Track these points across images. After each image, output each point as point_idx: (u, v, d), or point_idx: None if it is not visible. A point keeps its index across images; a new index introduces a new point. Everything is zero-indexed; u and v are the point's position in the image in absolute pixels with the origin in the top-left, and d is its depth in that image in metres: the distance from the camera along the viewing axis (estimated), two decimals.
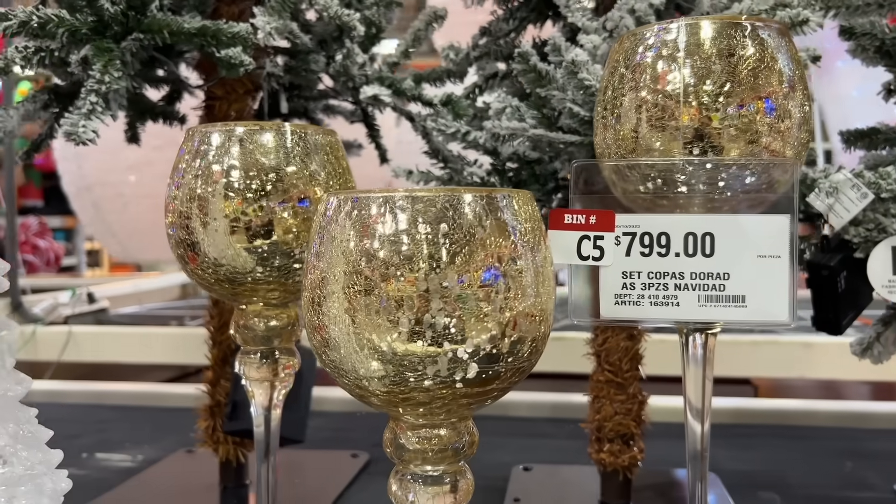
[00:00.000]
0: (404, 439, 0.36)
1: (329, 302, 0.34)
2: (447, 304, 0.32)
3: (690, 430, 0.48)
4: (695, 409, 0.48)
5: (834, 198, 0.62)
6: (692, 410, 0.47)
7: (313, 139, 0.48)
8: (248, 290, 0.48)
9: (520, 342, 0.34)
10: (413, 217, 0.33)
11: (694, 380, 0.47)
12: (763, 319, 0.41)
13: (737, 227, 0.41)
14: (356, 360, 0.33)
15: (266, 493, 0.51)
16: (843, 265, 0.65)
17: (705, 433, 0.48)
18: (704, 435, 0.48)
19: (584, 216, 0.42)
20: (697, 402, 0.47)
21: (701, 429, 0.48)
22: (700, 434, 0.48)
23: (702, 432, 0.48)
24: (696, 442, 0.48)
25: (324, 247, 0.34)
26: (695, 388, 0.47)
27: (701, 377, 0.47)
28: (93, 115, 0.57)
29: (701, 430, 0.48)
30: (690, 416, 0.48)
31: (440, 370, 0.33)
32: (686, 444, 0.49)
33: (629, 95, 0.44)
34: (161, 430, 1.03)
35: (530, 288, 0.34)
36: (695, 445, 0.48)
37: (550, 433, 1.01)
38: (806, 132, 0.44)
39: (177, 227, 0.47)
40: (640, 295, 0.42)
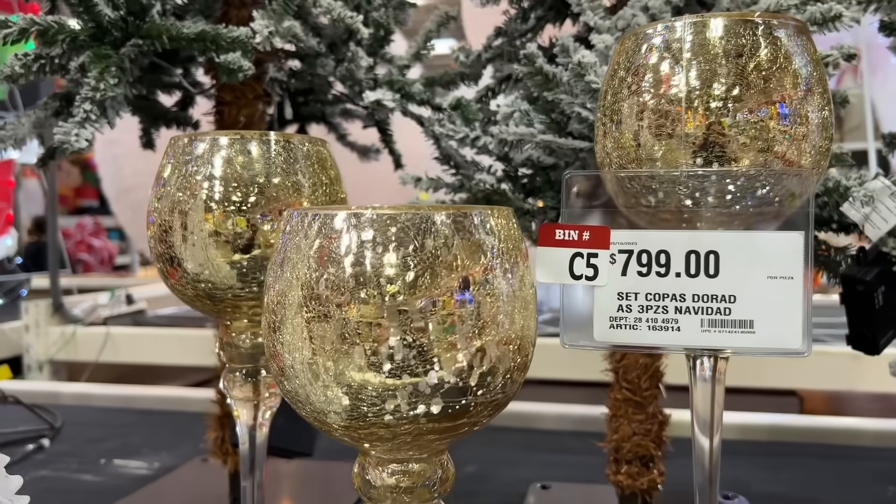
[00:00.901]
0: (371, 475, 0.34)
1: (285, 328, 0.31)
2: (407, 332, 0.29)
3: (698, 450, 0.44)
4: (703, 425, 0.43)
5: (871, 207, 0.57)
6: (700, 426, 0.43)
7: (299, 149, 0.46)
8: (230, 306, 0.46)
9: (491, 374, 0.31)
10: (374, 236, 0.30)
11: (703, 397, 0.43)
12: (774, 347, 0.37)
13: (744, 245, 0.37)
14: (311, 392, 0.31)
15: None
16: (881, 279, 0.60)
17: (715, 454, 0.44)
18: (714, 455, 0.44)
19: (576, 232, 0.38)
20: (706, 421, 0.43)
21: (710, 448, 0.44)
22: (709, 454, 0.44)
23: (711, 452, 0.44)
24: (704, 463, 0.44)
25: (282, 268, 0.32)
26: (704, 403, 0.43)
27: (710, 395, 0.43)
28: (86, 123, 0.56)
29: (710, 451, 0.44)
30: (699, 433, 0.43)
31: (400, 405, 0.30)
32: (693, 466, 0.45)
33: (629, 100, 0.40)
34: (180, 436, 1.03)
35: (504, 314, 0.31)
36: (703, 467, 0.44)
37: (574, 448, 0.98)
38: (826, 139, 0.40)
39: (157, 240, 0.46)
40: (637, 318, 0.38)
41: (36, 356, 1.85)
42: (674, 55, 0.39)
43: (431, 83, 0.73)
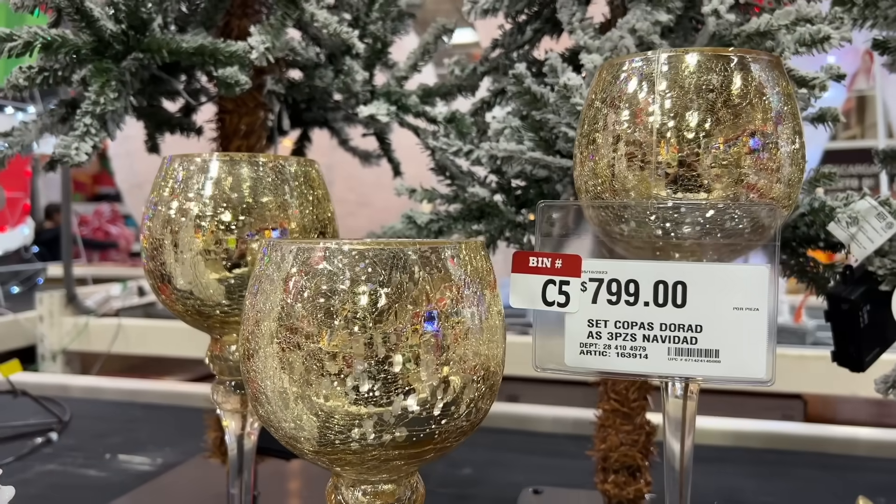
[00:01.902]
0: (342, 495, 0.35)
1: (258, 356, 0.33)
2: (373, 362, 0.31)
3: (668, 449, 0.44)
4: (675, 427, 0.44)
5: (857, 227, 0.58)
6: (672, 429, 0.44)
7: (288, 169, 0.48)
8: (218, 321, 0.47)
9: (454, 404, 0.32)
10: (344, 270, 0.31)
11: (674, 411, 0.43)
12: (738, 376, 0.38)
13: (711, 276, 0.38)
14: (282, 418, 0.32)
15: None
16: (867, 298, 0.60)
17: (686, 457, 0.45)
18: (684, 455, 0.45)
19: (549, 259, 0.39)
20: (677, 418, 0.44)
21: (680, 447, 0.44)
22: (678, 452, 0.44)
23: (682, 451, 0.45)
24: (674, 466, 0.45)
25: (255, 297, 0.33)
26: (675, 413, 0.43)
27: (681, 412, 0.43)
28: (87, 136, 0.58)
29: (680, 449, 0.44)
30: (669, 436, 0.44)
31: (366, 433, 0.31)
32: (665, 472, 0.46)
33: (605, 130, 0.41)
34: (184, 432, 1.05)
35: (471, 344, 0.32)
36: (674, 471, 0.45)
37: (570, 452, 0.99)
38: (798, 171, 0.41)
39: (149, 256, 0.47)
40: (607, 345, 0.39)
41: (49, 346, 1.89)
42: (649, 88, 0.40)
43: (429, 94, 0.74)
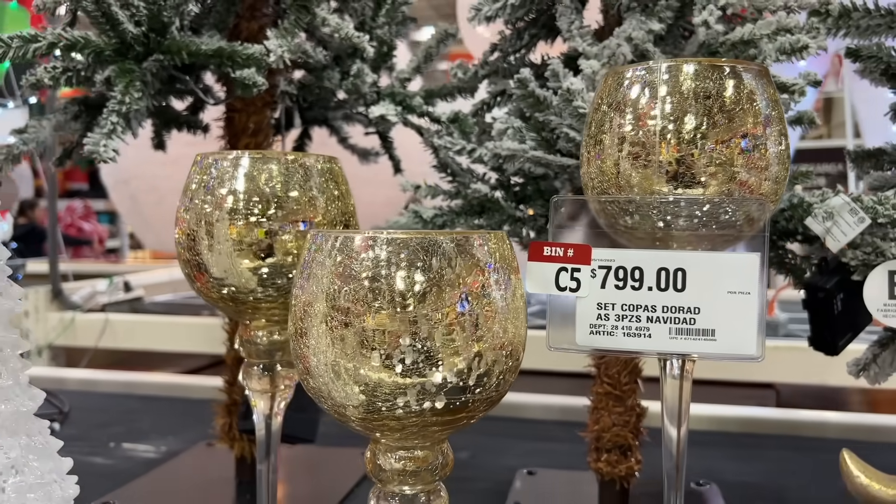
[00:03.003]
0: (382, 460, 0.39)
1: (310, 334, 0.36)
2: (417, 339, 0.35)
3: (667, 435, 0.49)
4: (672, 415, 0.48)
5: (832, 221, 0.63)
6: (669, 416, 0.48)
7: (314, 166, 0.51)
8: (251, 307, 0.51)
9: (487, 375, 0.36)
10: (388, 257, 0.35)
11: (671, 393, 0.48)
12: (732, 353, 0.42)
13: (708, 264, 0.42)
14: (333, 389, 0.36)
15: (266, 490, 0.54)
16: (840, 287, 0.65)
17: (682, 442, 0.50)
18: (681, 444, 0.50)
19: (562, 249, 0.44)
20: (674, 412, 0.48)
21: (677, 433, 0.49)
22: (676, 438, 0.49)
23: (678, 436, 0.49)
24: (671, 450, 0.49)
25: (306, 282, 0.37)
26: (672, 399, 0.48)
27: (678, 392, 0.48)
28: (114, 134, 0.61)
29: (677, 435, 0.49)
30: (667, 423, 0.49)
31: (409, 401, 0.35)
32: (663, 455, 0.51)
33: (611, 132, 0.46)
34: (185, 422, 1.08)
35: (499, 323, 0.36)
36: (671, 455, 0.49)
37: (559, 436, 1.04)
38: (783, 169, 0.45)
39: (185, 247, 0.51)
40: (614, 326, 0.44)
41: (35, 341, 1.89)
42: (651, 94, 0.44)
43: (431, 95, 0.78)
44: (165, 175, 1.85)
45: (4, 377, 0.37)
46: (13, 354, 0.38)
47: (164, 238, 1.97)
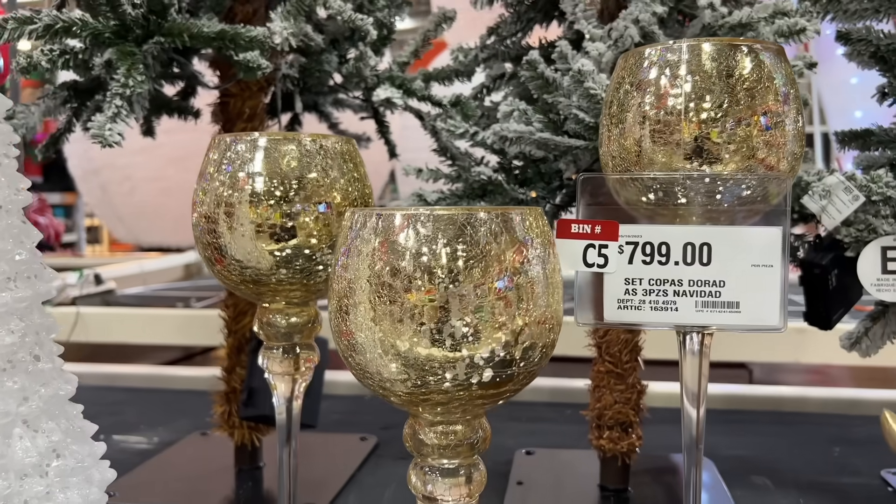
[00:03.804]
0: (423, 435, 0.40)
1: (355, 310, 0.36)
2: (465, 313, 0.35)
3: (686, 415, 0.50)
4: (691, 394, 0.50)
5: (827, 200, 0.65)
6: (688, 395, 0.50)
7: (332, 148, 0.51)
8: (272, 290, 0.51)
9: (531, 348, 0.37)
10: (434, 233, 0.35)
11: (691, 370, 0.49)
12: (756, 324, 0.44)
13: (732, 238, 0.43)
14: (380, 364, 0.36)
15: (288, 475, 0.54)
16: (835, 264, 0.68)
17: (701, 422, 0.51)
18: (700, 423, 0.51)
19: (589, 226, 0.44)
20: (693, 388, 0.50)
21: (697, 417, 0.50)
22: (696, 422, 0.50)
23: (697, 417, 0.51)
24: (691, 430, 0.51)
25: (350, 259, 0.37)
26: (692, 376, 0.49)
27: (697, 367, 0.49)
28: (118, 118, 0.60)
29: (696, 419, 0.51)
30: (687, 401, 0.50)
31: (458, 374, 0.36)
32: (682, 433, 0.52)
33: (633, 111, 0.46)
34: (174, 413, 1.07)
35: (541, 298, 0.37)
36: (690, 434, 0.51)
37: (550, 417, 1.05)
38: (799, 146, 0.47)
39: (204, 231, 0.50)
40: (642, 300, 0.45)
41: None
42: (672, 73, 0.45)
43: (429, 78, 0.78)
44: (138, 164, 1.82)
45: (44, 361, 0.36)
46: (48, 338, 0.37)
47: (136, 229, 1.94)
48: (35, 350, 0.36)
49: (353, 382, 1.18)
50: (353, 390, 1.17)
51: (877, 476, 0.82)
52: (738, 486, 0.79)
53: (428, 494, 0.40)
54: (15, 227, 0.36)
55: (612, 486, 0.76)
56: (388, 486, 0.79)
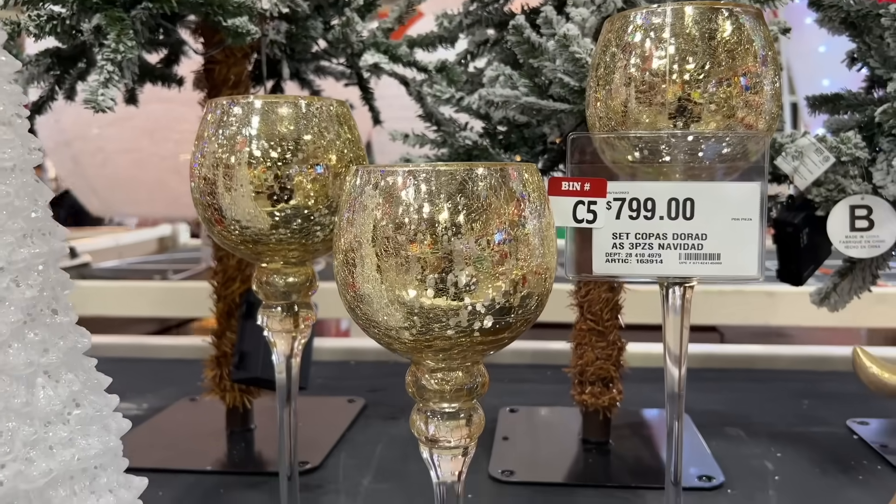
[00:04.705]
0: (425, 381, 0.42)
1: (361, 263, 0.38)
2: (467, 264, 0.37)
3: (669, 373, 0.54)
4: (673, 355, 0.53)
5: (799, 161, 0.67)
6: (671, 355, 0.53)
7: (327, 110, 0.52)
8: (271, 249, 0.52)
9: (528, 297, 0.39)
10: (436, 188, 0.37)
11: (673, 327, 0.52)
12: (735, 274, 0.46)
13: (714, 193, 0.46)
14: (386, 314, 0.38)
15: (288, 434, 0.56)
16: (806, 223, 0.71)
17: (682, 376, 0.54)
18: (681, 377, 0.54)
19: (579, 184, 0.47)
20: (675, 348, 0.53)
21: (678, 372, 0.53)
22: (677, 377, 0.54)
23: (679, 375, 0.54)
24: (673, 384, 0.54)
25: (355, 214, 0.39)
26: (673, 335, 0.53)
27: (679, 325, 0.52)
28: (110, 83, 0.60)
29: (678, 373, 0.54)
30: (669, 361, 0.53)
31: (461, 321, 0.38)
32: (665, 385, 0.55)
33: (619, 73, 0.48)
34: (161, 381, 1.08)
35: (537, 249, 0.39)
36: (673, 387, 0.54)
37: (532, 378, 1.08)
38: (777, 105, 0.49)
39: (203, 193, 0.51)
40: (629, 254, 0.47)
41: None
42: (657, 36, 0.47)
43: (413, 44, 0.79)
44: (110, 136, 1.80)
45: (61, 315, 0.37)
46: (63, 294, 0.39)
47: (110, 201, 1.92)
48: (52, 304, 0.37)
49: (337, 349, 1.20)
50: (339, 356, 1.19)
51: (843, 426, 0.86)
52: (714, 437, 0.82)
53: (430, 436, 0.42)
54: (29, 186, 0.37)
55: (593, 438, 0.80)
56: (379, 443, 0.82)
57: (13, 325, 0.35)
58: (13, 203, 0.35)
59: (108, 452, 0.39)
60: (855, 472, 0.73)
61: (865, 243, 0.68)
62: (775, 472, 0.73)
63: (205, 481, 0.73)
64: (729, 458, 0.76)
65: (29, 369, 0.35)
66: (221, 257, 0.82)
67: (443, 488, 0.44)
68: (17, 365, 0.34)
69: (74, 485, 0.36)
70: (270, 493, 0.70)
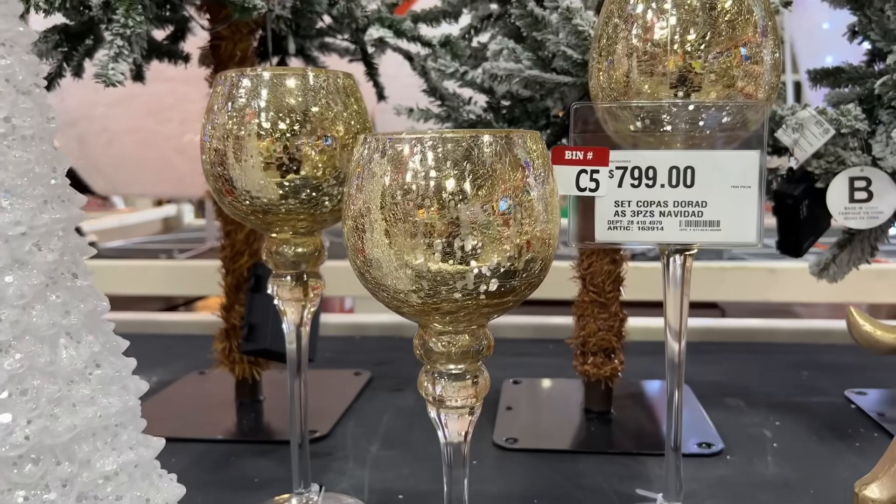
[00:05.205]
0: (432, 344, 0.43)
1: (371, 229, 0.39)
2: (473, 229, 0.38)
3: (669, 346, 0.55)
4: (673, 329, 0.54)
5: (799, 133, 0.68)
6: (671, 329, 0.54)
7: (334, 82, 0.53)
8: (280, 219, 0.53)
9: (532, 261, 0.40)
10: (443, 155, 0.38)
11: (673, 300, 0.53)
12: (734, 241, 0.47)
13: (714, 162, 0.47)
14: (395, 278, 0.39)
15: (299, 400, 0.58)
16: (806, 194, 0.72)
17: (682, 346, 0.55)
18: (681, 348, 0.55)
19: (582, 153, 0.48)
20: (675, 322, 0.54)
21: (679, 345, 0.54)
22: (678, 349, 0.55)
23: (679, 347, 0.55)
24: (674, 354, 0.55)
25: (364, 181, 0.40)
26: (673, 305, 0.54)
27: (679, 295, 0.54)
28: (120, 57, 0.61)
29: (679, 346, 0.55)
30: (669, 335, 0.54)
31: (467, 284, 0.39)
32: (665, 355, 0.56)
33: (621, 43, 0.49)
34: (169, 356, 1.09)
35: (541, 215, 0.40)
36: (673, 357, 0.55)
37: (534, 352, 1.10)
38: (776, 76, 0.50)
39: (214, 164, 0.52)
40: (630, 221, 0.48)
41: None
42: (658, 6, 0.48)
43: (417, 19, 0.79)
44: (115, 115, 1.80)
45: (81, 278, 0.39)
46: (82, 259, 0.40)
47: (115, 181, 1.93)
48: (73, 268, 0.38)
49: (345, 323, 1.21)
50: (344, 331, 1.20)
51: (841, 396, 0.88)
52: (714, 407, 0.84)
53: (438, 397, 0.43)
54: (48, 154, 0.38)
55: (595, 408, 0.81)
56: (385, 413, 0.83)
57: (36, 288, 0.36)
58: (34, 170, 0.37)
59: (128, 412, 0.40)
60: (852, 440, 0.75)
61: (864, 214, 0.69)
62: (774, 439, 0.75)
63: (216, 450, 0.75)
64: (728, 427, 0.78)
65: (52, 330, 0.36)
66: (229, 232, 0.83)
67: (450, 449, 0.46)
68: (41, 326, 0.36)
69: (97, 441, 0.38)
70: (280, 461, 0.71)
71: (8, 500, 0.34)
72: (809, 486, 0.65)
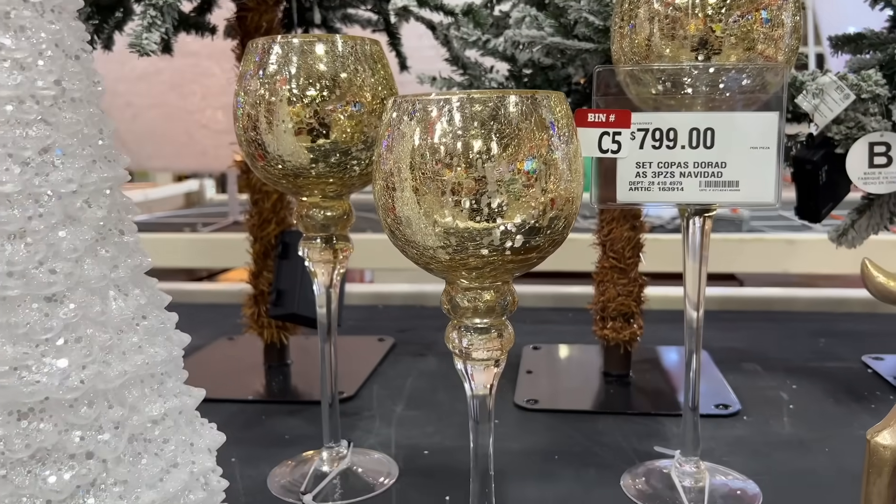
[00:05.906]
0: (459, 299, 0.45)
1: (401, 187, 0.41)
2: (499, 188, 0.40)
3: (688, 313, 0.56)
4: (691, 295, 0.55)
5: (819, 99, 0.69)
6: (689, 295, 0.55)
7: (362, 49, 0.55)
8: (311, 183, 0.55)
9: (556, 218, 0.42)
10: (470, 115, 0.40)
11: (692, 262, 0.55)
12: (753, 201, 0.48)
13: (733, 123, 0.48)
14: (424, 234, 0.41)
15: (329, 359, 0.60)
16: (825, 160, 0.72)
17: (700, 312, 0.56)
18: (699, 314, 0.56)
19: (604, 115, 0.49)
20: (694, 286, 0.55)
21: (697, 310, 0.56)
22: (696, 314, 0.56)
23: (698, 313, 0.56)
24: (692, 320, 0.56)
25: (394, 142, 0.41)
26: (692, 270, 0.55)
27: (698, 259, 0.55)
28: (153, 27, 0.63)
29: (697, 312, 0.56)
30: (688, 302, 0.56)
31: (493, 241, 0.40)
32: (684, 319, 0.58)
33: (644, 8, 0.50)
34: (196, 324, 1.12)
35: (565, 174, 0.42)
36: (692, 322, 0.56)
37: (554, 319, 1.11)
38: (796, 39, 0.51)
39: (246, 129, 0.54)
40: (651, 182, 0.49)
41: None
42: None
43: None
44: (139, 91, 1.83)
45: (127, 235, 0.41)
46: (128, 216, 0.42)
47: (140, 155, 1.96)
48: (119, 225, 0.41)
49: (368, 293, 1.24)
50: (367, 300, 1.23)
51: (858, 361, 0.89)
52: (731, 371, 0.85)
53: (464, 349, 0.45)
54: (95, 116, 0.40)
55: (614, 371, 0.83)
56: (409, 377, 0.86)
57: (87, 243, 0.38)
58: (83, 131, 0.38)
59: (172, 361, 0.42)
60: (868, 402, 0.76)
61: (884, 179, 0.69)
62: (790, 401, 0.76)
63: (247, 409, 0.77)
64: (745, 390, 0.79)
65: (102, 282, 0.38)
66: (257, 200, 0.85)
67: (476, 401, 0.48)
68: (92, 278, 0.38)
69: (144, 387, 0.40)
70: (308, 419, 0.74)
71: (66, 439, 0.37)
72: (825, 444, 0.66)
